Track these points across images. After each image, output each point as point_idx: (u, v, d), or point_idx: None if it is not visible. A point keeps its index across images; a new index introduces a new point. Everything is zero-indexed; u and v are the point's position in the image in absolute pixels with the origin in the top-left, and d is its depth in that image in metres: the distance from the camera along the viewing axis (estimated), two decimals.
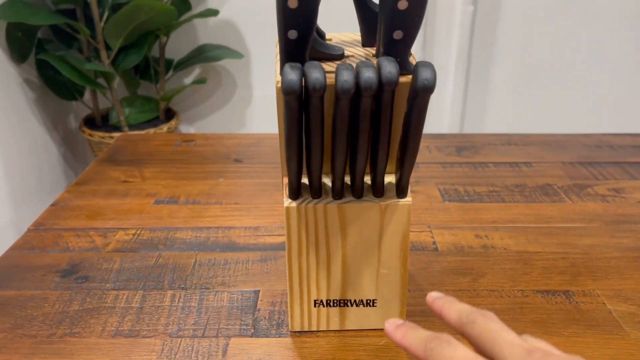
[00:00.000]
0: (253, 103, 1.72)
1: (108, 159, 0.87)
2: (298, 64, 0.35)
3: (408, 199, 0.42)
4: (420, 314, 0.48)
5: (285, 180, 0.43)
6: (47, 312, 0.49)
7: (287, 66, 0.35)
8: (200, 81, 1.53)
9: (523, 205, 0.69)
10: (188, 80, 1.68)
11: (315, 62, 0.35)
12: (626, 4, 1.60)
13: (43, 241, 0.61)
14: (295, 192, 0.42)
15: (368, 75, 0.34)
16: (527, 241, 0.61)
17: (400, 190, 0.42)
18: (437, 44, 1.63)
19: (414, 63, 0.39)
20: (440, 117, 1.73)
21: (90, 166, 0.84)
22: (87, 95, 1.54)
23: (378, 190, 0.42)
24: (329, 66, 0.39)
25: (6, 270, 0.56)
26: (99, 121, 1.52)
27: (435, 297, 0.36)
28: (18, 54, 1.31)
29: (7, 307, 0.50)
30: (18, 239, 0.62)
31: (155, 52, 1.53)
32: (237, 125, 1.76)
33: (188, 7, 1.48)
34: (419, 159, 0.84)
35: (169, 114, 1.58)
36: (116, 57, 1.38)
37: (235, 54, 1.51)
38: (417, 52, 1.61)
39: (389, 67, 0.34)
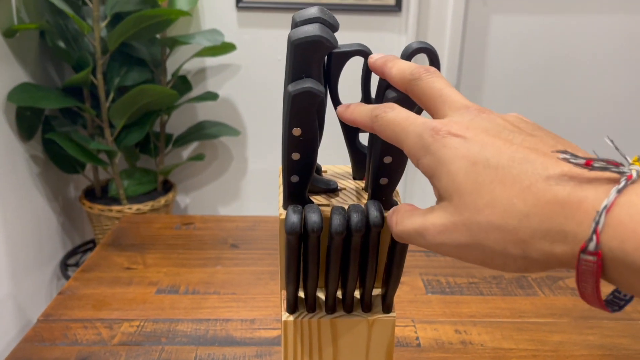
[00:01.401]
0: (248, 176, 1.79)
1: (112, 243, 0.92)
2: (299, 207, 0.41)
3: (392, 314, 0.47)
4: None
5: (284, 294, 0.48)
6: None
7: (290, 209, 0.41)
8: (198, 158, 1.60)
9: (499, 299, 0.74)
10: (186, 153, 1.76)
11: (314, 206, 0.41)
12: (602, 80, 1.72)
13: (52, 333, 0.66)
14: (292, 307, 0.47)
15: (358, 219, 0.40)
16: (502, 337, 0.66)
17: (386, 307, 0.47)
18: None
19: (397, 198, 0.46)
20: (426, 191, 1.80)
21: (96, 251, 0.89)
22: (87, 166, 1.60)
23: (366, 306, 0.48)
24: (325, 199, 0.46)
25: None
26: (98, 192, 1.57)
27: (376, 58, 0.35)
28: (26, 132, 1.38)
29: None
30: (29, 330, 0.66)
31: (156, 127, 1.61)
32: (232, 196, 1.82)
33: (189, 88, 1.57)
34: None
35: (166, 186, 1.64)
36: (119, 134, 1.45)
37: (233, 131, 1.60)
38: None
39: (375, 213, 0.41)
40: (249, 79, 1.67)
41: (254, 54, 1.65)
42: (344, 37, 0.33)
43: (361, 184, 0.49)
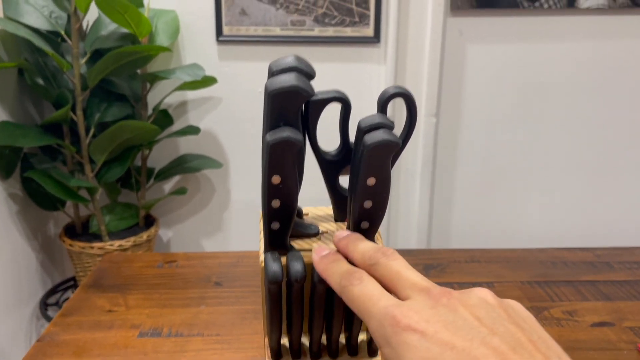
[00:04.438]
0: (231, 207, 1.78)
1: (93, 284, 0.90)
2: (277, 255, 0.41)
3: (378, 358, 0.47)
4: None
5: (267, 340, 0.48)
6: None
7: (269, 257, 0.41)
8: (180, 192, 1.59)
9: None
10: (168, 186, 1.75)
11: (297, 254, 0.41)
12: (577, 104, 1.76)
13: None
14: (276, 354, 0.47)
15: None
16: None
17: (372, 351, 0.47)
18: (405, 151, 1.75)
19: (379, 241, 0.46)
20: (409, 219, 1.81)
21: (76, 293, 0.87)
22: (68, 203, 1.58)
23: (352, 349, 0.47)
24: (307, 244, 0.46)
25: None
26: (79, 229, 1.55)
27: (340, 238, 0.37)
28: (4, 170, 1.36)
29: None
30: None
31: (137, 161, 1.60)
32: (215, 228, 1.81)
33: (170, 122, 1.57)
34: None
35: (149, 220, 1.62)
36: (100, 170, 1.44)
37: (215, 164, 1.59)
38: None
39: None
40: (230, 111, 1.68)
41: (235, 86, 1.66)
42: (325, 69, 0.33)
43: (343, 226, 0.49)
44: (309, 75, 0.40)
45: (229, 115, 1.68)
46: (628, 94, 1.75)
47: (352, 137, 0.44)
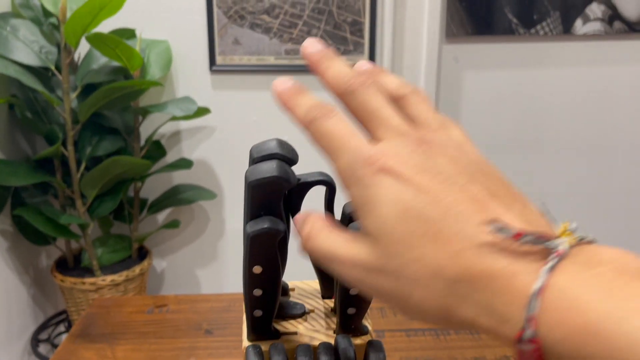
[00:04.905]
0: (225, 237, 1.76)
1: (81, 333, 0.88)
2: (260, 350, 0.39)
3: None
4: None
5: None
6: None
7: (250, 352, 0.39)
8: (172, 225, 1.57)
9: None
10: (162, 216, 1.73)
11: (280, 346, 0.39)
12: (576, 141, 1.75)
13: None
14: None
15: None
16: None
17: None
18: None
19: (367, 322, 0.44)
20: None
21: (63, 344, 0.85)
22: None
23: None
24: (292, 325, 0.44)
25: None
26: (70, 262, 1.53)
27: (311, 51, 0.30)
28: None
29: None
30: None
31: (129, 191, 1.58)
32: (210, 258, 1.79)
33: (163, 153, 1.55)
34: (385, 325, 0.88)
35: (142, 251, 1.60)
36: (91, 204, 1.42)
37: (209, 195, 1.57)
38: None
39: (348, 352, 0.39)
40: (224, 140, 1.66)
41: (229, 116, 1.65)
42: (320, 98, 0.29)
43: (330, 303, 0.47)
44: (291, 161, 0.39)
45: (222, 145, 1.67)
46: (626, 120, 1.74)
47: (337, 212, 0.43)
